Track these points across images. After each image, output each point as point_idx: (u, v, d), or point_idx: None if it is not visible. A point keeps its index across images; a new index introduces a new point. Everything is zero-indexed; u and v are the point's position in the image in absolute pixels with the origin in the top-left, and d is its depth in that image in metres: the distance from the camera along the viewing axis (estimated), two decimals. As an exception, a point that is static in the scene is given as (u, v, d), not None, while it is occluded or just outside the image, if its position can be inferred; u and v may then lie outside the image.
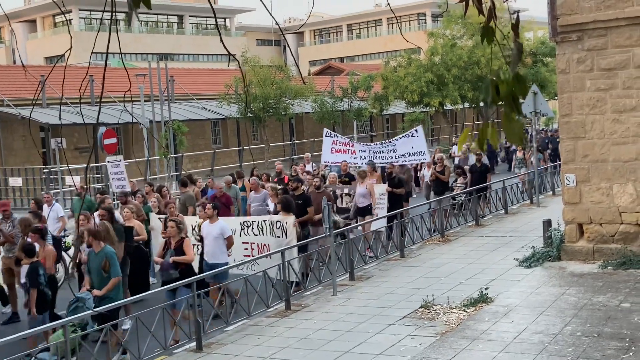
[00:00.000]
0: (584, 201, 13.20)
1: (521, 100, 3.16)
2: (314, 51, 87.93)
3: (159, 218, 13.60)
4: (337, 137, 19.48)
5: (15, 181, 25.87)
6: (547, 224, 14.38)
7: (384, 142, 19.27)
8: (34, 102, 28.09)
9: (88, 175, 28.66)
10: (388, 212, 15.93)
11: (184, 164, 32.65)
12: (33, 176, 27.90)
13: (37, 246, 10.55)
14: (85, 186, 17.40)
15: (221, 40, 2.97)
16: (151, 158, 30.39)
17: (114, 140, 22.00)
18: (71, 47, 3.06)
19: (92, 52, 4.15)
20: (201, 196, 16.49)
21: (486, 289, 11.20)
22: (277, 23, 3.15)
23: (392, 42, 72.76)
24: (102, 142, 21.74)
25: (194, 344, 9.92)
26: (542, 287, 11.65)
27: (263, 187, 16.55)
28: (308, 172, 18.63)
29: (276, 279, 11.80)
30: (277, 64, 36.34)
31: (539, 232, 14.94)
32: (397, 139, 18.76)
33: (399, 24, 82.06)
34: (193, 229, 12.93)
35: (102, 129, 22.34)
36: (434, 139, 48.79)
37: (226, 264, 11.58)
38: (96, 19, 63.11)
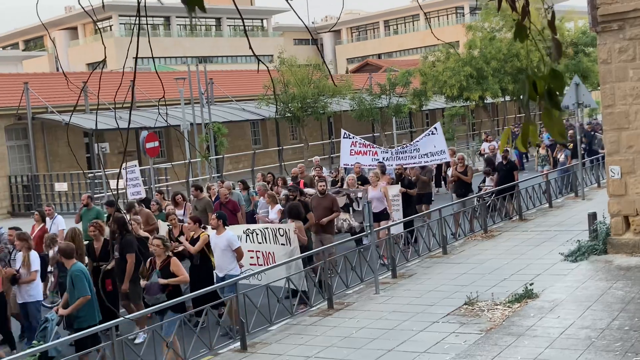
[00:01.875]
0: (629, 193, 12.95)
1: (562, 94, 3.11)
2: (351, 49, 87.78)
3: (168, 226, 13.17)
4: (356, 138, 18.72)
5: (61, 186, 26.38)
6: (592, 217, 14.13)
7: (405, 144, 18.58)
8: (73, 109, 28.58)
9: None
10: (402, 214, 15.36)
11: (225, 165, 32.93)
12: (78, 181, 28.42)
13: None
14: (92, 196, 16.74)
15: (250, 47, 2.98)
16: (192, 160, 30.69)
17: (155, 143, 22.23)
18: (105, 57, 3.11)
19: (132, 58, 4.21)
20: (212, 203, 15.94)
21: (531, 284, 11.07)
22: (305, 24, 3.15)
23: (429, 37, 72.17)
24: (144, 145, 22.00)
25: (238, 344, 10.00)
26: (588, 281, 11.46)
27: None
28: (320, 177, 17.36)
29: (284, 289, 11.56)
30: (314, 63, 36.35)
31: (584, 226, 14.69)
32: (419, 139, 18.08)
33: (437, 18, 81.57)
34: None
35: (144, 133, 22.60)
36: (475, 133, 48.32)
37: (237, 275, 11.13)
38: (136, 24, 63.87)
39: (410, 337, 9.55)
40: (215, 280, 11.44)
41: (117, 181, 4.29)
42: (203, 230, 11.74)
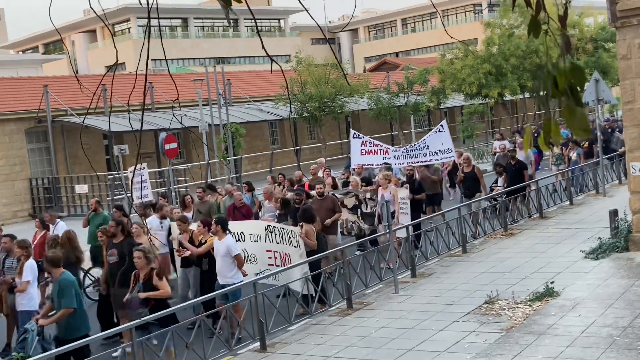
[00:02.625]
0: (651, 189, 12.80)
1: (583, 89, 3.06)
2: (368, 47, 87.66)
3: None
4: (366, 138, 18.22)
5: (81, 188, 26.56)
6: (614, 214, 13.98)
7: (413, 144, 18.08)
8: (87, 112, 28.77)
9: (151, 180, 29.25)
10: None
11: (243, 166, 33.00)
12: (98, 183, 28.61)
13: None
14: (100, 201, 16.51)
15: (263, 47, 2.97)
16: (211, 161, 30.80)
17: (174, 145, 22.33)
18: (117, 60, 3.12)
19: (151, 60, 4.22)
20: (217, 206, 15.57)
21: (552, 282, 10.98)
22: (318, 25, 3.13)
23: (448, 35, 71.84)
24: (163, 147, 22.10)
25: (257, 344, 10.01)
26: (610, 279, 11.34)
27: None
28: (319, 179, 16.90)
29: (301, 293, 11.41)
30: (331, 63, 36.33)
31: (605, 223, 14.54)
32: (427, 137, 17.68)
33: (455, 15, 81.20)
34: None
35: (162, 135, 22.72)
36: (494, 130, 48.05)
37: (238, 282, 10.78)
38: (154, 26, 64.20)
39: (430, 336, 9.51)
40: (215, 288, 10.95)
41: (131, 182, 4.29)
42: (212, 235, 11.45)
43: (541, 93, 2.86)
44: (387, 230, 12.39)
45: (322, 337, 10.06)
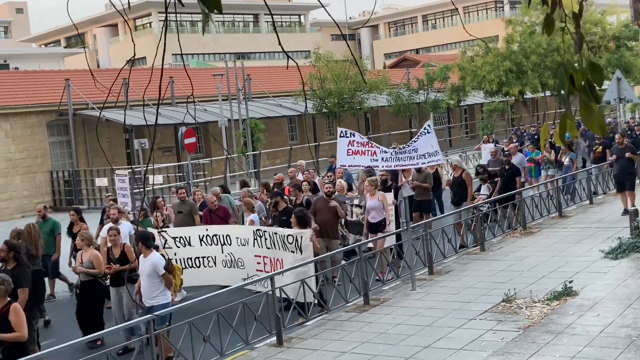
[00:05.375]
0: (673, 189, 12.69)
1: (603, 87, 3.06)
2: (389, 44, 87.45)
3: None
4: (354, 136, 16.37)
5: (102, 181, 26.77)
6: (634, 213, 13.88)
7: (403, 146, 16.37)
8: (103, 104, 28.97)
9: (169, 175, 29.42)
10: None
11: (262, 161, 33.09)
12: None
13: None
14: (47, 206, 15.92)
15: (279, 44, 2.99)
16: (230, 156, 30.92)
17: (193, 139, 22.44)
18: (134, 55, 3.15)
19: (171, 54, 4.27)
20: (198, 211, 14.81)
21: (570, 282, 10.91)
22: (334, 21, 3.14)
23: (469, 32, 71.50)
24: (182, 141, 22.22)
25: (274, 338, 10.05)
26: (629, 279, 11.26)
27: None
28: (309, 181, 16.15)
29: (295, 299, 10.65)
30: (351, 59, 36.30)
31: (625, 223, 14.43)
32: (416, 139, 16.05)
33: (476, 12, 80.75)
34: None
35: (182, 129, 22.84)
36: (514, 128, 47.76)
37: (166, 305, 9.71)
38: (174, 21, 64.55)
39: (447, 333, 9.49)
40: (141, 312, 9.89)
41: (152, 177, 4.33)
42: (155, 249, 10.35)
43: (562, 92, 2.87)
44: (405, 228, 12.35)
45: (339, 333, 10.08)
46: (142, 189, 24.10)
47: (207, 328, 9.32)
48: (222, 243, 12.61)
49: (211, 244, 12.67)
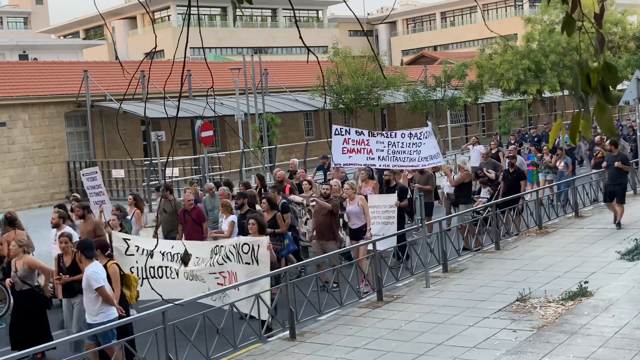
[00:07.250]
0: (691, 192, 12.56)
1: (619, 88, 3.04)
2: (406, 40, 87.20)
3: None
4: (350, 133, 15.59)
5: (118, 173, 26.90)
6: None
7: (398, 143, 15.16)
8: (124, 96, 29.09)
9: (184, 167, 29.53)
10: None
11: (277, 155, 33.12)
12: (135, 168, 28.94)
13: None
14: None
15: (300, 37, 3.00)
16: (246, 150, 30.97)
17: (210, 133, 22.49)
18: (155, 47, 3.16)
19: (190, 48, 4.27)
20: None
21: (586, 282, 10.87)
22: (355, 16, 3.14)
23: (487, 29, 71.02)
24: (199, 134, 22.27)
25: (287, 332, 10.07)
26: (645, 281, 11.18)
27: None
28: (307, 180, 15.68)
29: (249, 315, 9.92)
30: (368, 55, 36.21)
31: (642, 224, 14.35)
32: (418, 141, 14.95)
33: (495, 10, 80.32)
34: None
35: (199, 122, 22.88)
36: (532, 127, 47.54)
37: (107, 322, 8.67)
38: (195, 14, 64.67)
39: (460, 331, 9.48)
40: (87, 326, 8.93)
41: (172, 169, 4.35)
42: (109, 258, 9.53)
43: (574, 92, 2.88)
44: (421, 224, 12.32)
45: (352, 328, 10.09)
46: (158, 181, 24.18)
47: (221, 320, 9.34)
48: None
49: (172, 261, 11.63)
